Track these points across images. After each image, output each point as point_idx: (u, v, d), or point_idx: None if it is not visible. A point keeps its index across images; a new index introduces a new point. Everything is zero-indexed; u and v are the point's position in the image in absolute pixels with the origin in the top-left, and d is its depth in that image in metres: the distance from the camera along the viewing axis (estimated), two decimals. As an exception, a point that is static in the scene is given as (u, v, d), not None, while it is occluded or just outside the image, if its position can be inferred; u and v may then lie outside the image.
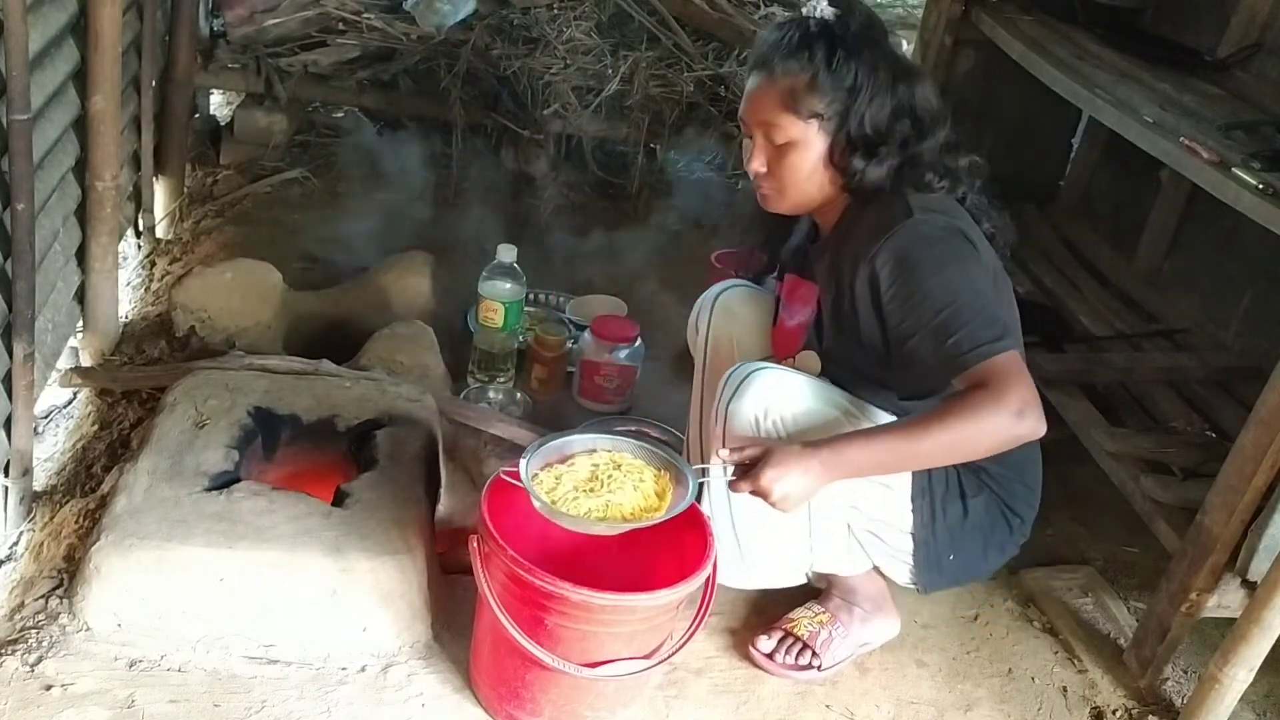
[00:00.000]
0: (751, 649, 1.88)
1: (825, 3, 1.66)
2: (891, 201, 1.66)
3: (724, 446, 1.63)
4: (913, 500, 1.73)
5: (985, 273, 1.64)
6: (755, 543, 1.79)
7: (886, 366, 1.71)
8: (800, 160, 1.68)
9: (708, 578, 1.62)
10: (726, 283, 2.07)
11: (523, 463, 1.60)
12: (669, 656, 1.64)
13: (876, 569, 1.85)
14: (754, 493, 1.55)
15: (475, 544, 1.62)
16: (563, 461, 1.65)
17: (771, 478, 1.53)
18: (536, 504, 1.56)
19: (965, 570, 1.84)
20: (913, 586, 1.83)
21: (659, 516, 1.56)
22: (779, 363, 1.81)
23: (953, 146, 1.72)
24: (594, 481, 1.61)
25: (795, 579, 1.89)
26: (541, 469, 1.63)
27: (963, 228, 1.64)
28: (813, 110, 1.64)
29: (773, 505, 1.55)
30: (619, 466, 1.63)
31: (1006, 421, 1.51)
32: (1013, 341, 1.57)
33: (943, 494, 1.74)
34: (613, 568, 1.69)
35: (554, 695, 1.63)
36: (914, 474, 1.71)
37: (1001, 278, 1.71)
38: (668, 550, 1.66)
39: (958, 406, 1.54)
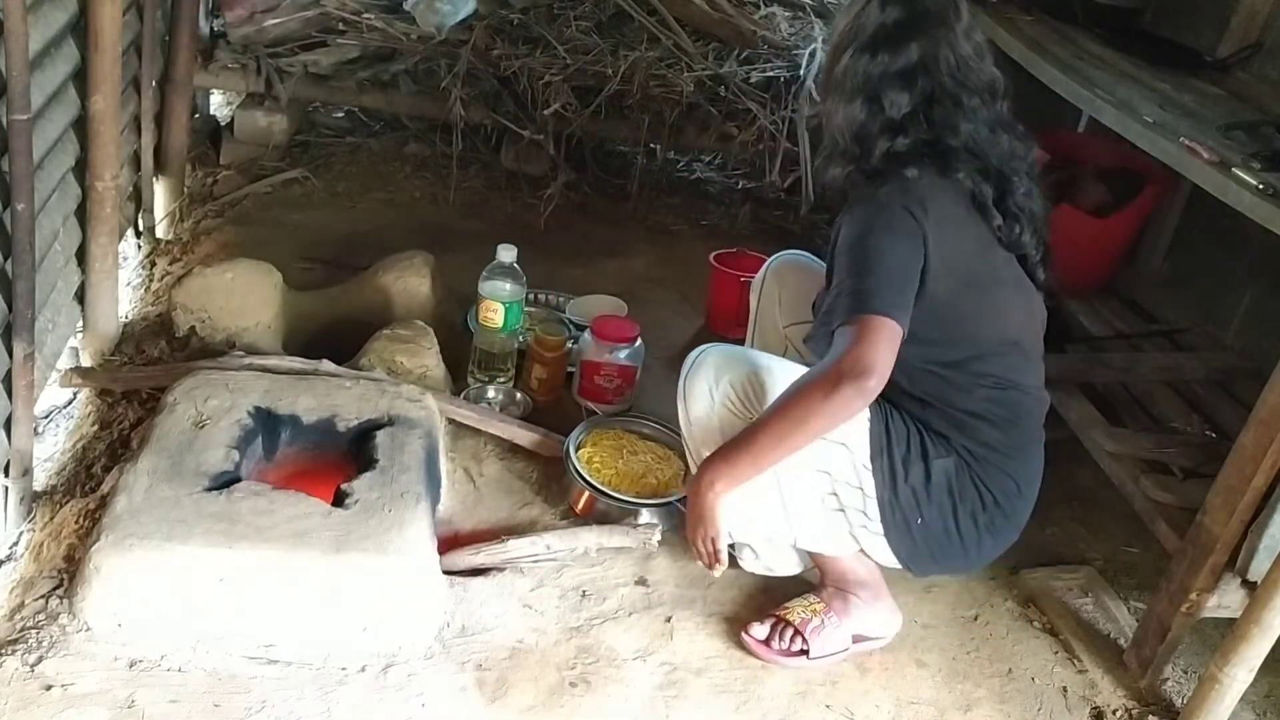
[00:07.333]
0: (745, 635, 1.90)
1: None
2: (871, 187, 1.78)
3: (689, 421, 1.86)
4: (871, 460, 1.77)
5: (905, 245, 1.69)
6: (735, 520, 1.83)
7: None
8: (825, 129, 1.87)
9: None
10: (784, 253, 2.21)
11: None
12: None
13: (864, 553, 1.85)
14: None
15: None
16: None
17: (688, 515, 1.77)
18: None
19: (939, 541, 1.80)
20: (898, 566, 1.83)
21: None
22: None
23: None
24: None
25: (787, 564, 1.96)
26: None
27: (907, 204, 1.69)
28: (819, 88, 1.82)
29: (700, 529, 1.74)
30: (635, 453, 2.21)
31: (816, 401, 1.61)
32: (872, 305, 1.63)
33: (903, 455, 1.77)
34: None
35: None
36: (871, 434, 1.77)
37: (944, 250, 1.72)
38: None
39: (790, 389, 1.67)
